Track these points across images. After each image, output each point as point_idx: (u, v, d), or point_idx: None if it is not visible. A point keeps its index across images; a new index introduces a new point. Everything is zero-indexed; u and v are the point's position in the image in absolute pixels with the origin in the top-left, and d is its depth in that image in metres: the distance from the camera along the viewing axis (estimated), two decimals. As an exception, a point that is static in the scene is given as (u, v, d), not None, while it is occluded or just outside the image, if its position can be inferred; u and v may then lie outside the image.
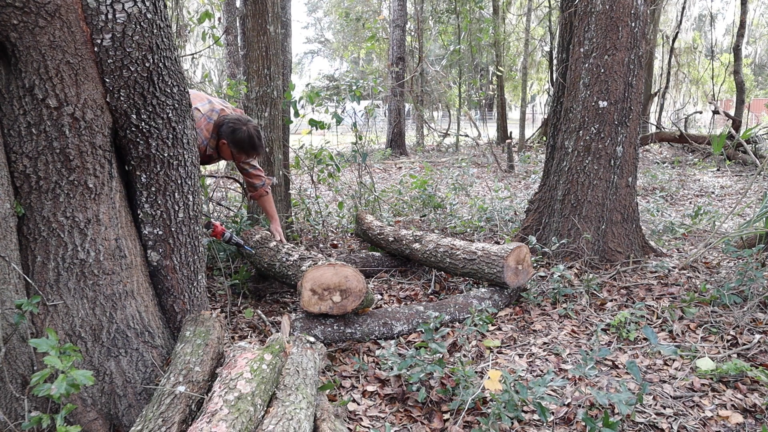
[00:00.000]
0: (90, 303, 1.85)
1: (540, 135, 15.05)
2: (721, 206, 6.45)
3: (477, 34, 12.60)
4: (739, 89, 11.46)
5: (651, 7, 4.22)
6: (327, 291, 2.71)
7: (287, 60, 4.99)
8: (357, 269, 2.74)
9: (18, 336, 1.71)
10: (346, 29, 19.36)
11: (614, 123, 3.87)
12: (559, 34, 5.34)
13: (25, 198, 1.75)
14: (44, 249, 1.78)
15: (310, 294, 2.70)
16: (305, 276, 2.71)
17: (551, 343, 2.82)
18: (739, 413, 2.13)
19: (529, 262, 3.29)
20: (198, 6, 9.21)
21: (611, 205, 3.97)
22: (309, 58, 38.86)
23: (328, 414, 1.91)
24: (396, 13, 12.64)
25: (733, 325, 2.89)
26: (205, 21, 4.59)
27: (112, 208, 1.88)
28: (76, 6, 1.65)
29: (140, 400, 1.90)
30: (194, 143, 2.09)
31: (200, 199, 2.16)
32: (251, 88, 4.11)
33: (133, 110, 1.83)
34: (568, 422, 2.11)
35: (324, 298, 2.71)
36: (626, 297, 3.39)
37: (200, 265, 2.20)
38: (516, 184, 8.44)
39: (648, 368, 2.52)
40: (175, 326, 2.14)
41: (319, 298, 2.71)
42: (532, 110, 25.77)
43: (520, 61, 16.50)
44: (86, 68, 1.71)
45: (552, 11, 11.82)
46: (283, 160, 4.58)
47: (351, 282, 2.71)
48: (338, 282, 2.71)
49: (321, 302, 2.70)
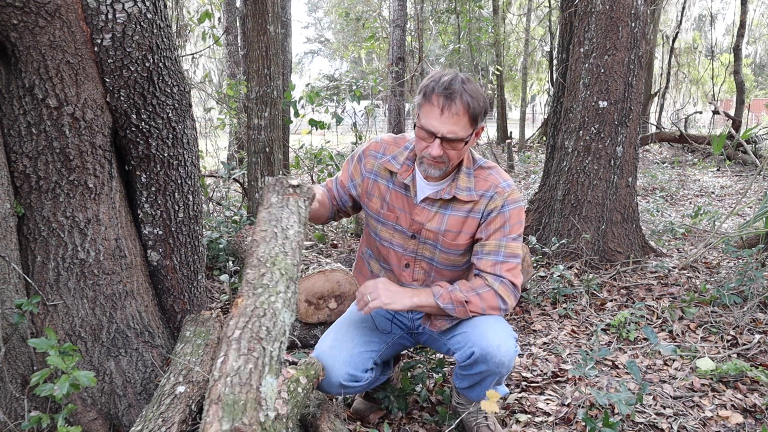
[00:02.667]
0: (90, 303, 1.85)
1: (540, 135, 15.06)
2: (721, 206, 6.45)
3: (477, 33, 12.60)
4: (739, 89, 11.47)
5: (651, 7, 4.22)
6: (322, 299, 2.70)
7: (287, 60, 5.00)
8: (349, 270, 2.73)
9: (18, 336, 1.71)
10: (346, 29, 19.37)
11: (614, 123, 3.87)
12: (559, 34, 5.34)
13: (25, 198, 1.75)
14: (44, 249, 1.78)
15: (306, 305, 2.69)
16: (298, 288, 2.70)
17: (551, 343, 2.82)
18: (739, 413, 2.13)
19: (529, 262, 3.29)
20: (198, 6, 9.21)
21: (611, 205, 3.97)
22: (309, 58, 38.86)
23: (328, 414, 1.91)
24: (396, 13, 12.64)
25: (733, 325, 2.89)
26: (205, 21, 4.59)
27: (112, 208, 1.88)
28: (76, 6, 1.65)
29: (140, 400, 1.90)
30: (194, 143, 2.09)
31: (200, 199, 2.16)
32: (251, 88, 4.11)
33: (133, 110, 1.83)
34: (568, 422, 2.11)
35: (320, 308, 2.70)
36: (626, 297, 3.40)
37: (200, 265, 2.20)
38: (516, 184, 8.44)
39: (648, 368, 2.52)
40: (175, 326, 2.14)
41: (315, 308, 2.70)
42: (532, 110, 25.76)
43: (520, 61, 16.50)
44: (86, 68, 1.71)
45: (552, 11, 11.82)
46: (283, 160, 4.59)
47: (344, 286, 2.71)
48: (331, 288, 2.70)
49: (318, 312, 2.70)
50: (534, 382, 2.44)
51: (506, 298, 1.73)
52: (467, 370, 1.77)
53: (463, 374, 1.81)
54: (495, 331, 1.71)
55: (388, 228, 1.87)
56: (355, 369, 1.84)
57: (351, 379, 1.84)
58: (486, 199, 1.75)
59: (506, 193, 1.75)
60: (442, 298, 1.73)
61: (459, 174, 1.77)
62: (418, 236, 1.83)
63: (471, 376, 1.78)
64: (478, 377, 1.77)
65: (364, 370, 1.87)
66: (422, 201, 1.80)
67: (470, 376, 1.79)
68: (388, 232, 1.88)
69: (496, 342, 1.67)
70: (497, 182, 1.77)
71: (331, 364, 1.82)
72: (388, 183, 1.85)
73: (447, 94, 1.57)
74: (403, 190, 1.83)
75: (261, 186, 4.18)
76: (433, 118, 1.60)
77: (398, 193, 1.84)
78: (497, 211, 1.75)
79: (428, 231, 1.80)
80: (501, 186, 1.76)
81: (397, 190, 1.84)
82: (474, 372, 1.76)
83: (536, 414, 2.18)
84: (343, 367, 1.82)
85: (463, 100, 1.57)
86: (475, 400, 1.89)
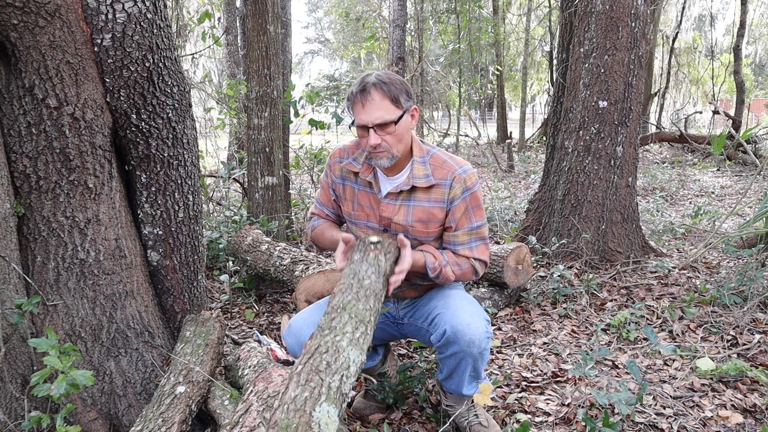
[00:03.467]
0: (90, 303, 1.85)
1: (540, 135, 15.06)
2: (721, 206, 6.45)
3: (477, 33, 12.60)
4: (739, 89, 11.47)
5: (651, 7, 4.22)
6: (322, 299, 2.70)
7: (287, 60, 5.00)
8: None
9: (18, 336, 1.71)
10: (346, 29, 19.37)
11: (614, 123, 3.87)
12: (559, 34, 5.34)
13: (25, 198, 1.75)
14: (44, 249, 1.78)
15: (306, 305, 2.69)
16: (298, 288, 2.71)
17: (551, 343, 2.82)
18: (739, 413, 2.13)
19: (529, 262, 3.29)
20: (198, 6, 9.21)
21: (611, 205, 3.97)
22: (309, 58, 38.88)
23: (328, 414, 1.90)
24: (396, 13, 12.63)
25: (733, 325, 2.89)
26: (205, 21, 4.60)
27: (112, 208, 1.88)
28: (76, 6, 1.65)
29: (140, 400, 1.90)
30: (194, 143, 2.09)
31: (200, 199, 2.16)
32: (251, 88, 4.11)
33: (133, 110, 1.83)
34: (568, 422, 2.11)
35: None
36: (626, 297, 3.40)
37: (200, 265, 2.20)
38: (516, 184, 8.45)
39: (648, 368, 2.52)
40: (175, 326, 2.14)
41: None
42: (532, 110, 25.77)
43: (520, 61, 16.50)
44: (86, 68, 1.71)
45: (552, 11, 11.82)
46: (283, 160, 4.58)
47: None
48: (331, 288, 2.70)
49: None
50: (534, 382, 2.44)
51: (480, 271, 1.94)
52: (442, 352, 1.83)
53: (440, 358, 1.87)
54: (466, 310, 1.81)
55: (361, 227, 1.96)
56: None
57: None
58: (446, 188, 1.84)
59: (463, 178, 1.84)
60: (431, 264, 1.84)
61: (413, 164, 1.85)
62: (390, 230, 1.91)
63: (446, 359, 1.84)
64: (453, 362, 1.82)
65: None
66: (386, 196, 1.89)
67: (446, 360, 1.84)
68: (362, 231, 1.95)
69: (466, 320, 1.77)
70: (453, 169, 1.84)
71: (301, 324, 1.89)
72: (354, 185, 1.95)
73: (361, 89, 1.73)
74: (368, 188, 1.92)
75: (261, 186, 4.18)
76: (359, 113, 1.74)
77: (364, 192, 1.93)
78: (458, 198, 1.84)
79: (396, 224, 1.89)
80: (457, 173, 1.84)
81: (363, 190, 1.93)
82: (448, 354, 1.81)
83: (536, 414, 2.18)
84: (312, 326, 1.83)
85: (377, 88, 1.72)
86: (456, 393, 1.93)
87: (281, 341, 2.80)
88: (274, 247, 3.28)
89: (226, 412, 1.78)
